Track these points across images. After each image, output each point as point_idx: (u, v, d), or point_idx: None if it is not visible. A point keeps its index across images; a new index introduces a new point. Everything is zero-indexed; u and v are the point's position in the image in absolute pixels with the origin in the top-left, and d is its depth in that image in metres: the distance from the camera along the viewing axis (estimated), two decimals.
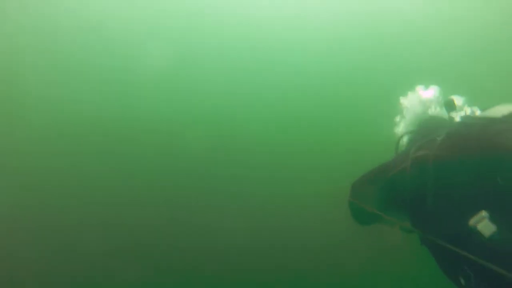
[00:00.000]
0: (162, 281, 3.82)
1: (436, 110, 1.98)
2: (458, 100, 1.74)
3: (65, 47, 4.36)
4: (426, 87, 2.07)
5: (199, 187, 4.13)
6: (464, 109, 1.68)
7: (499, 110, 1.45)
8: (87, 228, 3.85)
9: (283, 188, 4.10)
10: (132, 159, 4.22)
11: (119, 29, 4.47)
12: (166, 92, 4.48)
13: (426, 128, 1.87)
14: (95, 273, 3.72)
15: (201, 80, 4.58)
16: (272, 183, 4.17)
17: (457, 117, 1.64)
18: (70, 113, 4.18)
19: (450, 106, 1.68)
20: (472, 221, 1.25)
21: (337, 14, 4.72)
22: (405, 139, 2.05)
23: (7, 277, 3.57)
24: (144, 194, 4.10)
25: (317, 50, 4.66)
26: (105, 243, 3.81)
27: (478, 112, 1.59)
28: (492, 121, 1.38)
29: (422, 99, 1.98)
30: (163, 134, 4.30)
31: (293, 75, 4.65)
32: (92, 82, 4.37)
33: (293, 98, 4.54)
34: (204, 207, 4.08)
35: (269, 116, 4.50)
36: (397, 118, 2.17)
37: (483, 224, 1.22)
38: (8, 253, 3.64)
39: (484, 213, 1.24)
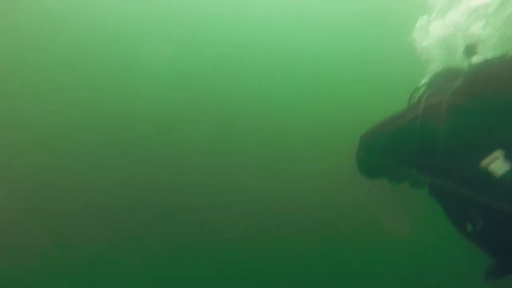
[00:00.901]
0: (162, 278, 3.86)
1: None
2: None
3: (64, 46, 4.30)
4: None
5: (199, 185, 4.12)
6: (486, 55, 1.56)
7: None
8: (87, 226, 3.89)
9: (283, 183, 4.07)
10: (132, 158, 4.21)
11: (119, 27, 4.39)
12: (165, 90, 4.44)
13: (441, 78, 1.77)
14: (95, 269, 3.79)
15: (200, 79, 4.53)
16: (273, 180, 4.15)
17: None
18: (70, 111, 4.17)
19: (471, 50, 1.56)
20: (484, 162, 1.17)
21: (338, 13, 4.56)
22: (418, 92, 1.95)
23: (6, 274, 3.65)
24: (144, 192, 4.09)
25: (317, 47, 4.55)
26: (105, 242, 3.85)
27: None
28: None
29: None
30: (162, 132, 4.28)
31: (293, 72, 4.56)
32: (92, 81, 4.32)
33: (294, 94, 4.46)
34: (204, 205, 4.08)
35: (270, 113, 4.44)
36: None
37: (496, 163, 1.14)
38: (8, 250, 3.72)
39: (498, 153, 1.16)
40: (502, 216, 1.12)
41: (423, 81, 1.93)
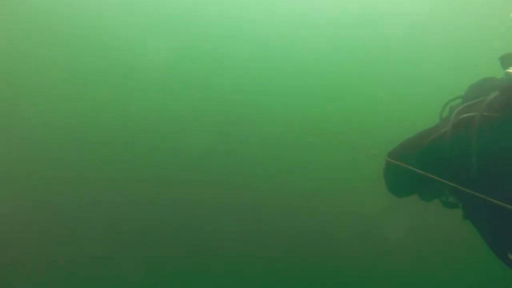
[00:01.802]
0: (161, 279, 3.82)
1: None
2: None
3: (64, 46, 4.40)
4: None
5: (200, 185, 4.10)
6: None
7: None
8: (86, 226, 3.91)
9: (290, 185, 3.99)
10: (132, 157, 4.26)
11: (120, 27, 4.47)
12: (166, 90, 4.50)
13: (475, 91, 1.65)
14: (95, 270, 3.78)
15: (201, 79, 4.56)
16: (276, 181, 4.07)
17: None
18: (70, 111, 4.24)
19: (507, 60, 1.45)
20: None
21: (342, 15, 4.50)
22: (450, 106, 1.84)
23: (7, 275, 3.68)
24: (145, 192, 4.11)
25: (319, 47, 4.48)
26: (105, 241, 3.86)
27: None
28: None
29: None
30: (163, 132, 4.31)
31: (295, 72, 4.51)
32: (92, 81, 4.39)
33: (296, 95, 4.40)
34: (204, 206, 4.06)
35: (271, 114, 4.39)
36: None
37: None
38: (9, 251, 3.76)
39: None
40: None
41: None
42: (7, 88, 4.22)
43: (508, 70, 1.45)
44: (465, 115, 1.35)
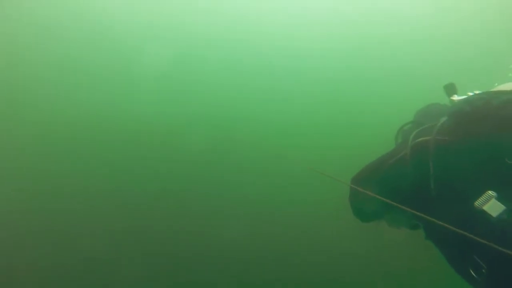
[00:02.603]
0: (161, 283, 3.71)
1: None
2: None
3: (64, 46, 4.34)
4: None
5: (199, 189, 4.06)
6: (467, 94, 1.58)
7: (505, 87, 1.35)
8: (83, 229, 3.79)
9: (285, 191, 4.01)
10: (132, 160, 4.16)
11: (119, 28, 4.47)
12: (166, 92, 4.47)
13: (424, 116, 1.78)
14: (93, 274, 3.66)
15: (201, 80, 4.57)
16: (273, 186, 4.08)
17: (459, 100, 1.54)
18: (68, 113, 4.16)
19: (450, 89, 1.59)
20: (478, 202, 1.14)
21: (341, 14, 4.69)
22: (403, 131, 1.95)
23: (7, 278, 3.54)
24: (143, 196, 4.03)
25: (319, 50, 4.64)
26: (102, 245, 3.74)
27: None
28: (497, 94, 1.29)
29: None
30: (163, 135, 4.26)
31: (294, 75, 4.61)
32: (91, 82, 4.33)
33: (295, 98, 4.49)
34: (204, 210, 3.99)
35: (270, 117, 4.45)
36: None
37: (491, 203, 1.10)
38: (8, 255, 3.63)
39: (491, 193, 1.13)
40: (506, 259, 1.06)
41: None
42: (7, 88, 4.10)
43: (452, 98, 1.58)
44: (420, 139, 1.43)
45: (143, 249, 3.81)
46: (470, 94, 1.54)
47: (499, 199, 1.10)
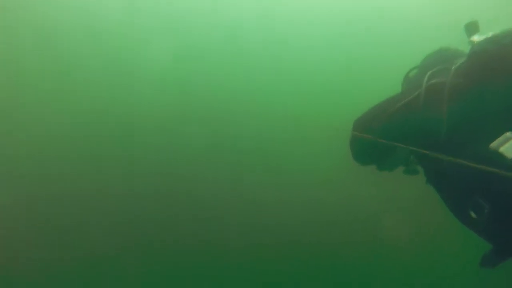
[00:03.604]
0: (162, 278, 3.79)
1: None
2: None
3: (64, 44, 4.23)
4: None
5: (200, 184, 4.04)
6: (488, 34, 1.47)
7: None
8: (84, 226, 3.82)
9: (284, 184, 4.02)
10: (132, 157, 4.14)
11: (119, 26, 4.32)
12: (166, 89, 4.35)
13: (434, 61, 1.68)
14: (94, 270, 3.72)
15: (201, 78, 4.43)
16: (272, 180, 4.10)
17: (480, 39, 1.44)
18: (68, 110, 4.11)
19: (472, 28, 1.48)
20: (493, 144, 1.09)
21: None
22: (408, 78, 1.86)
23: (7, 275, 3.56)
24: (144, 191, 4.01)
25: (319, 46, 4.50)
26: (103, 241, 3.78)
27: None
28: None
29: None
30: (163, 132, 4.20)
31: (294, 72, 4.52)
32: (91, 80, 4.25)
33: (295, 95, 4.42)
34: (203, 205, 4.01)
35: (270, 113, 4.38)
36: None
37: (508, 145, 1.06)
38: (8, 252, 3.63)
39: (509, 134, 1.08)
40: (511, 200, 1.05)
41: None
42: (8, 89, 4.00)
43: (472, 38, 1.47)
44: (435, 80, 1.36)
45: (145, 246, 3.85)
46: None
47: None
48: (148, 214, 4.01)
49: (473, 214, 1.19)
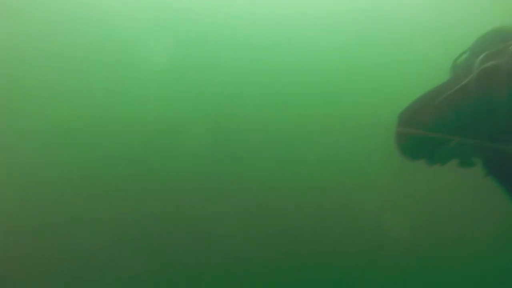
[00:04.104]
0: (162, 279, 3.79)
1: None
2: None
3: (64, 44, 4.19)
4: None
5: (201, 185, 4.03)
6: None
7: None
8: (85, 227, 3.78)
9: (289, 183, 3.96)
10: (133, 158, 4.14)
11: (119, 26, 4.35)
12: (167, 90, 4.37)
13: (486, 44, 1.57)
14: (94, 270, 3.69)
15: (201, 77, 4.45)
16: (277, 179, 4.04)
17: None
18: (67, 111, 4.05)
19: None
20: None
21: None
22: (457, 65, 1.75)
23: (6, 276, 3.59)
24: (143, 192, 4.02)
25: (317, 46, 4.43)
26: (103, 242, 3.73)
27: None
28: None
29: None
30: (163, 132, 4.19)
31: (296, 71, 4.44)
32: (91, 80, 4.28)
33: (298, 94, 4.34)
34: (205, 206, 3.98)
35: (272, 113, 4.33)
36: None
37: None
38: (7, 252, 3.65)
39: None
40: None
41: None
42: (8, 89, 4.06)
43: None
44: (490, 63, 1.26)
45: (145, 248, 3.80)
46: None
47: None
48: (149, 216, 3.99)
49: None
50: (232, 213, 3.89)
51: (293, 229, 3.85)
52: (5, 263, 3.55)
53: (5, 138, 3.85)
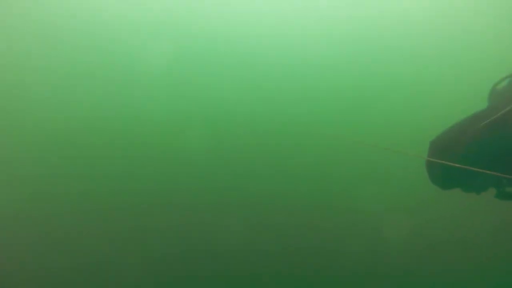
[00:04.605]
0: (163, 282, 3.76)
1: None
2: None
3: (64, 46, 4.28)
4: None
5: (200, 187, 3.99)
6: None
7: None
8: (87, 229, 3.80)
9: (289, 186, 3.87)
10: (133, 159, 4.13)
11: (119, 27, 4.39)
12: (167, 91, 4.38)
13: None
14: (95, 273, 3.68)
15: (201, 79, 4.44)
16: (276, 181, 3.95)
17: None
18: (68, 113, 4.14)
19: None
20: None
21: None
22: (495, 90, 1.66)
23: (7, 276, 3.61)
24: (145, 194, 4.00)
25: (318, 47, 4.34)
26: (105, 244, 3.75)
27: None
28: None
29: None
30: (164, 133, 4.19)
31: (295, 71, 4.36)
32: (92, 82, 4.31)
33: (296, 93, 4.26)
34: (205, 207, 3.93)
35: (272, 114, 4.25)
36: None
37: None
38: (8, 253, 3.68)
39: None
40: None
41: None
42: (9, 89, 4.16)
43: None
44: None
45: (147, 250, 3.77)
46: None
47: None
48: (150, 217, 3.94)
49: None
50: (233, 218, 3.84)
51: (292, 229, 3.76)
52: (5, 263, 3.60)
53: (6, 139, 3.93)
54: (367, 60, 4.25)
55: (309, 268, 3.68)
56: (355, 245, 3.64)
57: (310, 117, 4.23)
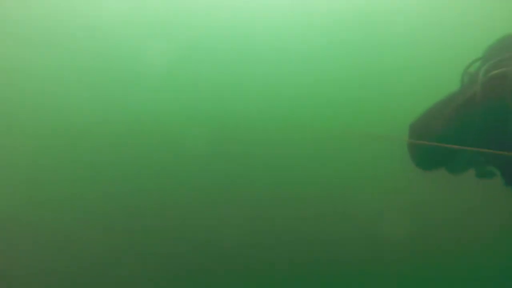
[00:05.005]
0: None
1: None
2: None
3: (64, 46, 4.22)
4: None
5: (202, 188, 4.02)
6: None
7: None
8: (87, 230, 3.79)
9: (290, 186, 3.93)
10: (133, 159, 4.14)
11: (120, 30, 4.40)
12: (168, 91, 4.40)
13: (498, 50, 1.56)
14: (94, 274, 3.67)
15: (202, 78, 4.46)
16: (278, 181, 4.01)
17: None
18: (67, 114, 4.10)
19: None
20: None
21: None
22: (468, 72, 1.74)
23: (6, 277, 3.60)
24: (145, 195, 4.00)
25: (320, 47, 4.40)
26: (105, 245, 3.74)
27: None
28: None
29: None
30: (164, 133, 4.20)
31: (299, 70, 4.42)
32: (91, 82, 4.31)
33: (299, 93, 4.32)
34: (206, 208, 3.97)
35: (274, 114, 4.30)
36: None
37: None
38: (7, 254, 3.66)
39: None
40: None
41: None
42: (9, 89, 4.11)
43: None
44: (496, 71, 1.25)
45: (146, 252, 3.76)
46: None
47: None
48: (150, 219, 3.95)
49: None
50: (233, 218, 3.87)
51: (293, 229, 3.81)
52: (5, 263, 3.58)
53: (6, 140, 3.89)
54: (354, 49, 4.30)
55: (310, 261, 3.74)
56: (351, 233, 3.74)
57: (313, 112, 4.27)
